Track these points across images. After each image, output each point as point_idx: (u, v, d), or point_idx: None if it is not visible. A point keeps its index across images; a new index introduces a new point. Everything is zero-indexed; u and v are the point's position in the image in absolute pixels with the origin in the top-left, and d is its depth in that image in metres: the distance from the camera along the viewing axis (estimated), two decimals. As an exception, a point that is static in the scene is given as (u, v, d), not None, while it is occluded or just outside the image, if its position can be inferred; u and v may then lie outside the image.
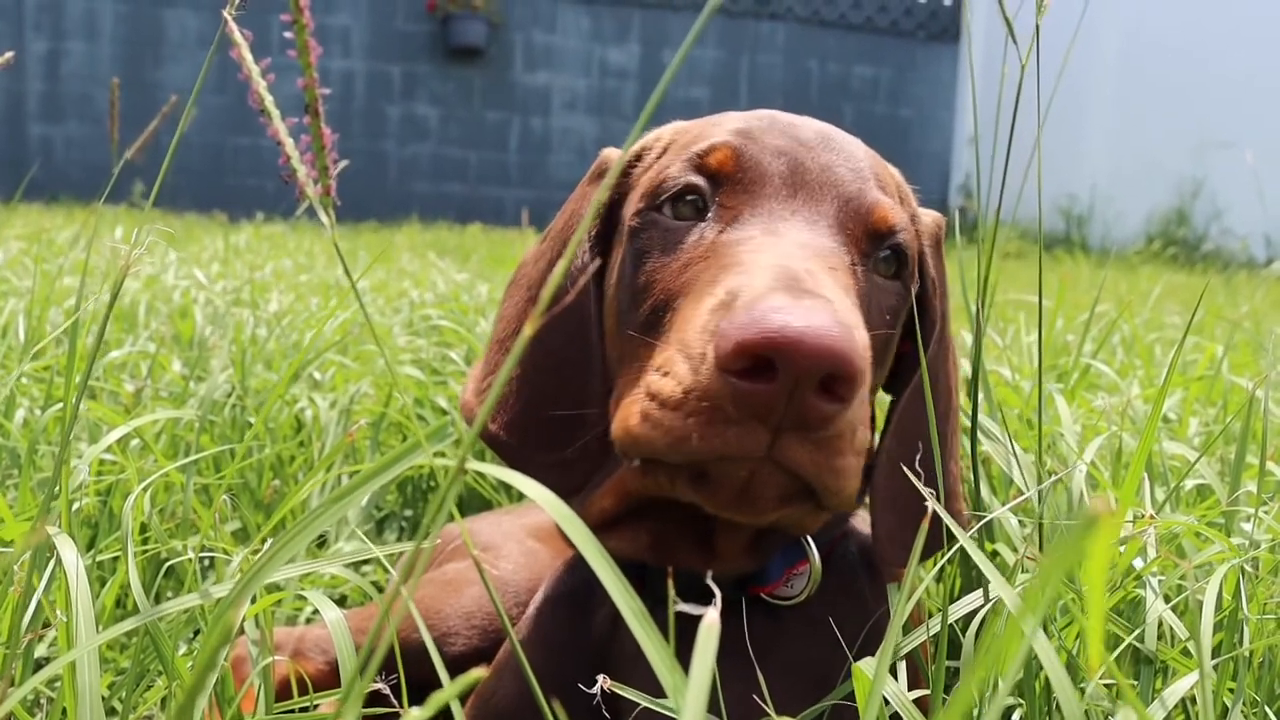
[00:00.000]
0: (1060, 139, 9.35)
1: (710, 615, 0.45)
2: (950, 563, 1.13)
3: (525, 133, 10.51)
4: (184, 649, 1.14)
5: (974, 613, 0.85)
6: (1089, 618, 0.30)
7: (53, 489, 0.84)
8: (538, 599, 1.01)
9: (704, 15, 0.49)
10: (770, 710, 0.80)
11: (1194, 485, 1.22)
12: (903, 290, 0.90)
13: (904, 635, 0.84)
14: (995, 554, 1.02)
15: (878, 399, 0.93)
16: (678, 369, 0.74)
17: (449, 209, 9.89)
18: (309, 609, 1.38)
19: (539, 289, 0.99)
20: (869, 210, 0.87)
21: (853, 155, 0.91)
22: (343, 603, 1.43)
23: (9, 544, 1.02)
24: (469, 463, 0.54)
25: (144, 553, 1.21)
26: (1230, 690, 0.84)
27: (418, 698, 1.00)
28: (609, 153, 1.01)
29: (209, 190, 9.10)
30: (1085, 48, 8.95)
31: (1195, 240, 9.60)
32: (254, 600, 0.89)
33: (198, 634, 1.16)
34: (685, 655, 0.47)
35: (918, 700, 0.78)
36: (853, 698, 0.79)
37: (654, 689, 0.73)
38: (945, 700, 0.85)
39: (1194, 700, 0.84)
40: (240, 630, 0.96)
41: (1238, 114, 9.30)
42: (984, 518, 0.94)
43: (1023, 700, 0.81)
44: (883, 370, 0.92)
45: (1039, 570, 0.31)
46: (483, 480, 1.67)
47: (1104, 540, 0.30)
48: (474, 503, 1.69)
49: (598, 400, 0.91)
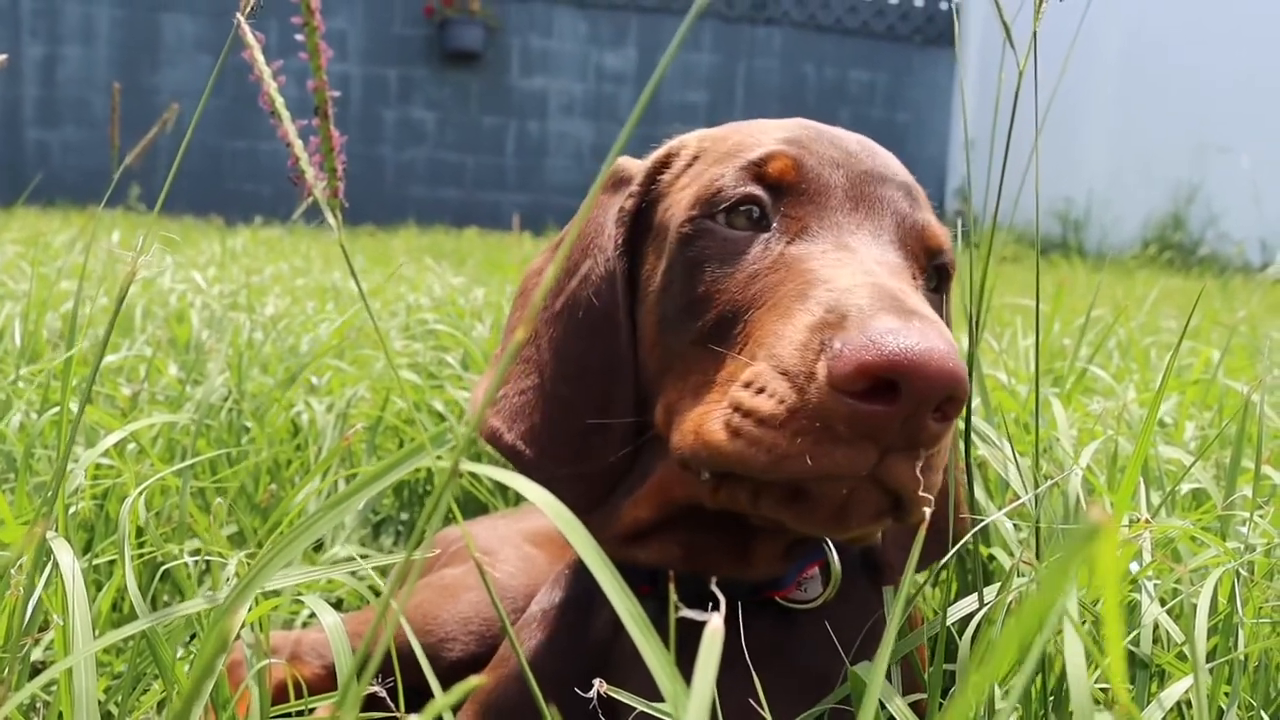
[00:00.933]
0: (1057, 144, 9.36)
1: (714, 621, 0.45)
2: (946, 567, 1.13)
3: (522, 137, 10.51)
4: (180, 653, 1.14)
5: (970, 616, 0.85)
6: (1106, 628, 0.30)
7: (52, 492, 0.84)
8: (541, 601, 1.00)
9: (690, 16, 0.49)
10: (773, 714, 0.80)
11: (1190, 489, 1.22)
12: (941, 304, 0.91)
13: (902, 639, 0.84)
14: (992, 558, 1.02)
15: None
16: (777, 386, 0.73)
17: (445, 213, 9.90)
18: (305, 612, 1.38)
19: (555, 298, 0.96)
20: (922, 228, 0.88)
21: (896, 169, 0.91)
22: (339, 606, 1.43)
23: (6, 547, 1.02)
24: (464, 464, 0.54)
25: (140, 557, 1.21)
26: (1225, 694, 0.84)
27: (415, 701, 1.00)
28: (625, 161, 1.00)
29: (206, 194, 9.10)
30: (1083, 53, 8.96)
31: (1191, 245, 9.61)
32: (254, 605, 0.89)
33: (194, 638, 1.16)
34: (690, 660, 0.46)
35: (914, 704, 0.78)
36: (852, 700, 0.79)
37: (657, 693, 0.72)
38: (941, 705, 0.86)
39: (1189, 704, 0.84)
40: (237, 635, 0.96)
41: (1234, 119, 9.31)
42: (980, 522, 0.94)
43: (1019, 707, 0.81)
44: None
45: (1042, 578, 0.31)
46: (479, 484, 1.67)
47: (1109, 550, 0.30)
48: (471, 507, 1.69)
49: (624, 410, 0.89)
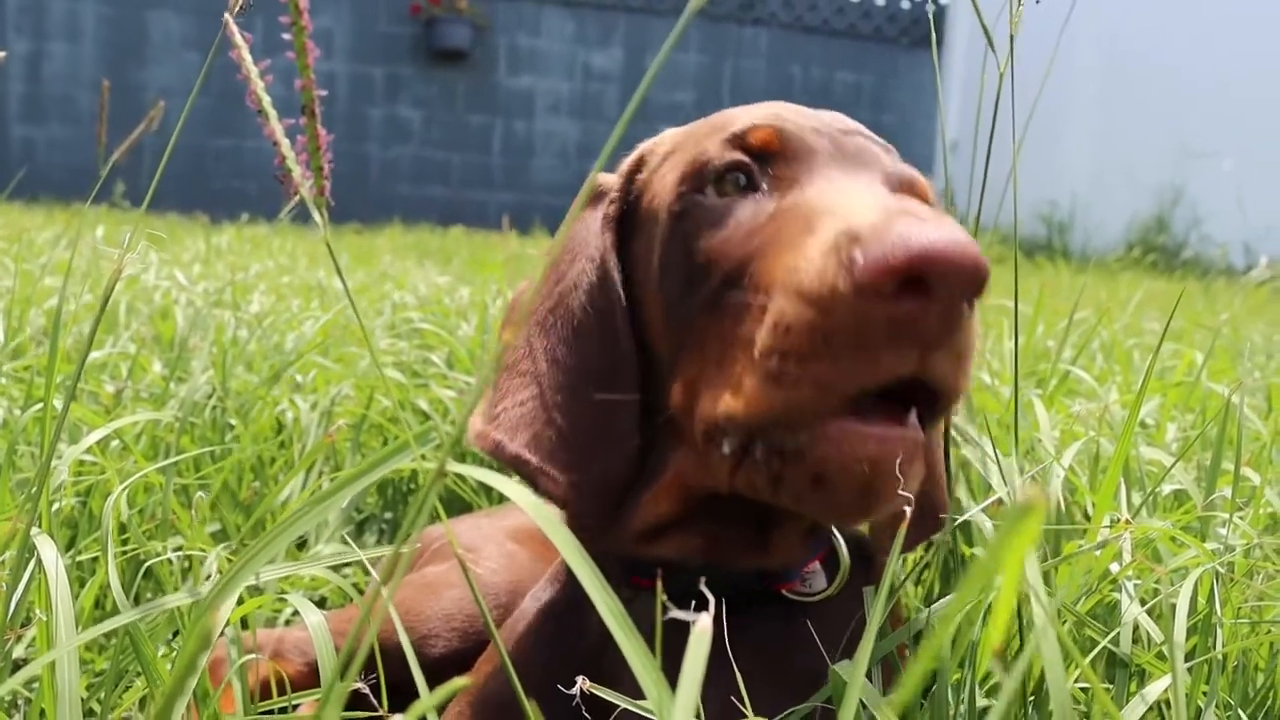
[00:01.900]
0: (1041, 147, 9.38)
1: (702, 622, 0.45)
2: (929, 566, 1.13)
3: (508, 136, 10.51)
4: (162, 650, 1.14)
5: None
6: (1003, 589, 0.30)
7: (36, 489, 0.84)
8: (535, 596, 1.00)
9: (684, 19, 0.49)
10: (771, 708, 0.81)
11: (1171, 490, 1.23)
12: None
13: (885, 636, 0.85)
14: (974, 557, 1.02)
15: None
16: (805, 315, 0.70)
17: (431, 212, 9.88)
18: (289, 610, 1.38)
19: (546, 310, 0.95)
20: (911, 178, 0.88)
21: (871, 135, 0.92)
22: (323, 604, 1.43)
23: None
24: (450, 465, 0.54)
25: (123, 554, 1.21)
26: (1204, 693, 0.85)
27: (398, 698, 1.00)
28: (604, 177, 0.99)
29: (191, 191, 9.08)
30: (1066, 57, 8.99)
31: (1175, 247, 9.64)
32: (239, 603, 0.89)
33: (176, 635, 1.16)
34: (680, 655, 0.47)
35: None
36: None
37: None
38: (924, 704, 0.86)
39: (1169, 704, 0.84)
40: (220, 632, 0.96)
41: (1216, 123, 9.35)
42: (959, 519, 0.94)
43: (993, 700, 0.82)
44: None
45: (981, 559, 0.31)
46: (463, 483, 1.67)
47: (1032, 522, 0.30)
48: (455, 505, 1.69)
49: (630, 410, 0.88)
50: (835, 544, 0.91)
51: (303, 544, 1.52)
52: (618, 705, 0.75)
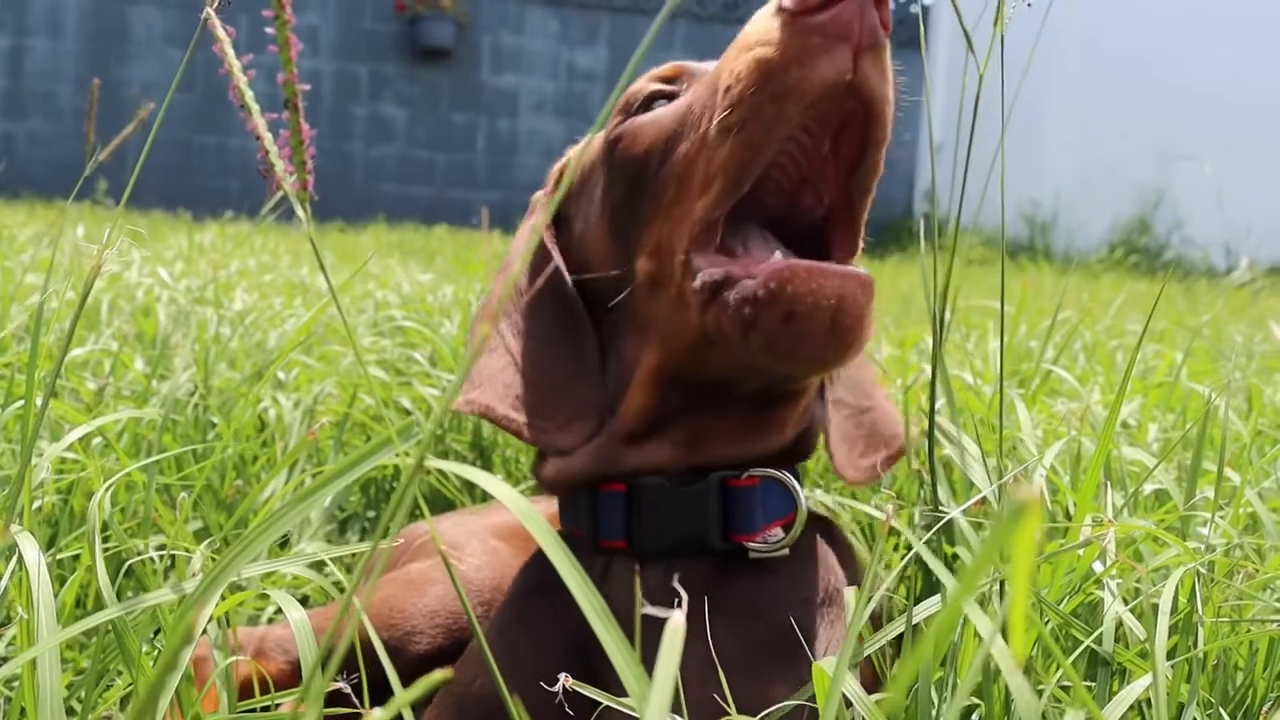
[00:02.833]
0: (1025, 147, 9.42)
1: (676, 618, 0.45)
2: (914, 564, 1.13)
3: (492, 134, 10.50)
4: (145, 648, 1.13)
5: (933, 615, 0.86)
6: (1013, 597, 0.30)
7: (17, 486, 0.83)
8: (518, 582, 1.01)
9: (661, 16, 0.49)
10: (735, 666, 0.83)
11: (1152, 490, 1.23)
12: None
13: (867, 634, 0.85)
14: (955, 556, 1.03)
15: None
16: (744, 60, 0.82)
17: (415, 210, 9.87)
18: (270, 609, 1.38)
19: (514, 298, 1.04)
20: None
21: None
22: (305, 603, 1.43)
23: (-32, 542, 1.01)
24: (430, 462, 0.54)
25: (105, 552, 1.20)
26: (1185, 691, 0.85)
27: (381, 697, 1.00)
28: (552, 173, 1.09)
29: (174, 188, 9.05)
30: (1048, 59, 9.02)
31: (1157, 249, 9.69)
32: (221, 599, 0.89)
33: (158, 633, 1.16)
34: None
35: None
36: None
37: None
38: (907, 708, 0.86)
39: (1150, 702, 0.85)
40: (203, 631, 0.96)
41: (1198, 125, 9.40)
42: (941, 519, 0.95)
43: (981, 701, 0.82)
44: None
45: (976, 556, 0.32)
46: (447, 481, 1.67)
47: (1031, 523, 0.31)
48: (438, 504, 1.69)
49: (593, 347, 0.97)
50: (795, 497, 0.93)
51: (285, 542, 1.52)
52: (609, 684, 0.76)
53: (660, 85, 0.96)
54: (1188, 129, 9.43)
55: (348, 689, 0.93)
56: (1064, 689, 0.82)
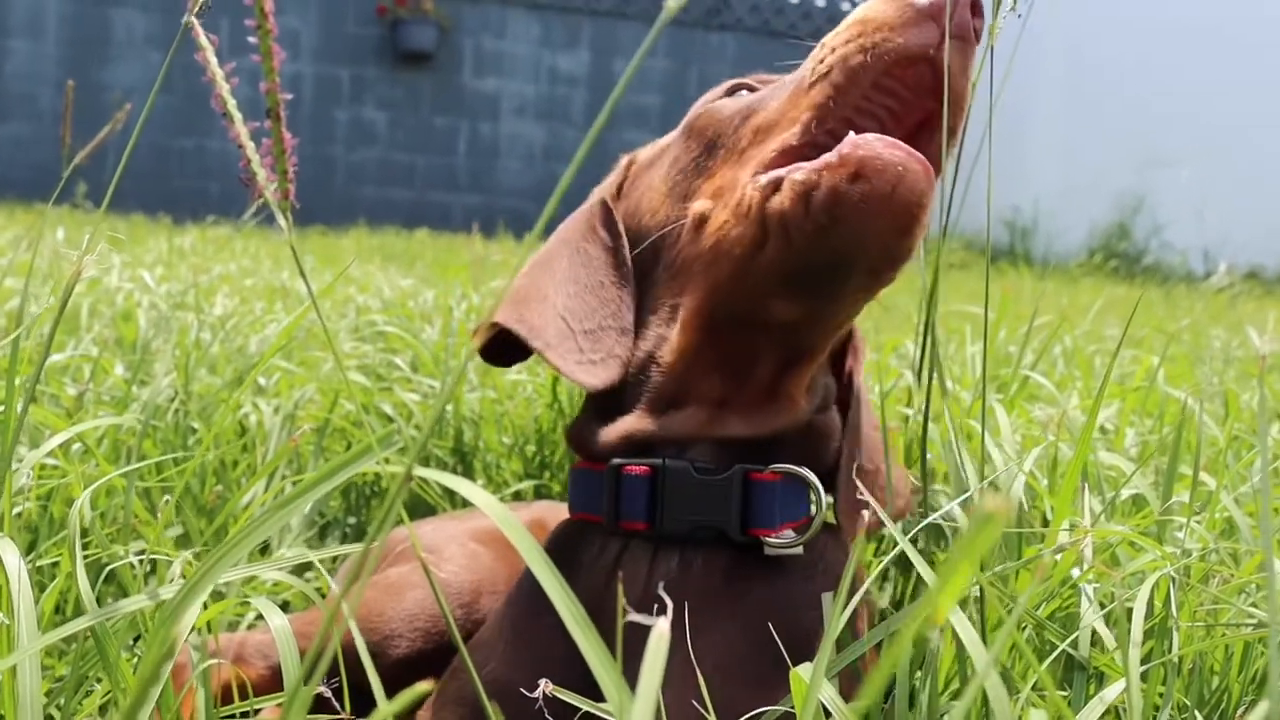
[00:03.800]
0: (1005, 153, 9.44)
1: (660, 626, 0.46)
2: (895, 565, 1.14)
3: (474, 138, 10.49)
4: (124, 654, 1.13)
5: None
6: (948, 581, 0.31)
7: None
8: (528, 576, 1.01)
9: (658, 26, 0.49)
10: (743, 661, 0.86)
11: (1130, 495, 1.24)
12: None
13: (850, 638, 0.86)
14: (938, 560, 1.03)
15: None
16: (840, 29, 0.90)
17: (396, 214, 9.85)
18: (251, 615, 1.38)
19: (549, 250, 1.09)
20: None
21: None
22: (286, 608, 1.43)
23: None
24: (416, 470, 0.54)
25: (86, 558, 1.20)
26: (1160, 695, 0.86)
27: (364, 700, 1.00)
28: (623, 159, 1.13)
29: (154, 192, 9.01)
30: (1030, 65, 9.06)
31: (1136, 254, 9.74)
32: (203, 607, 0.89)
33: (138, 639, 1.16)
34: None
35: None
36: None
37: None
38: (884, 708, 0.87)
39: (1126, 707, 0.85)
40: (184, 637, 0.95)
41: (1177, 132, 9.45)
42: (922, 523, 0.95)
43: (957, 703, 0.83)
44: None
45: (945, 562, 0.32)
46: (428, 487, 1.67)
47: (993, 527, 0.31)
48: (419, 509, 1.69)
49: (628, 314, 0.99)
50: (815, 494, 0.95)
51: (265, 548, 1.52)
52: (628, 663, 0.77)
53: (744, 80, 1.02)
54: (1167, 135, 9.47)
55: (329, 693, 0.93)
56: (1043, 696, 0.83)
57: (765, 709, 0.80)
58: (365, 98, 10.20)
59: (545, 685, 0.76)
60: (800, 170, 0.84)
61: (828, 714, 0.74)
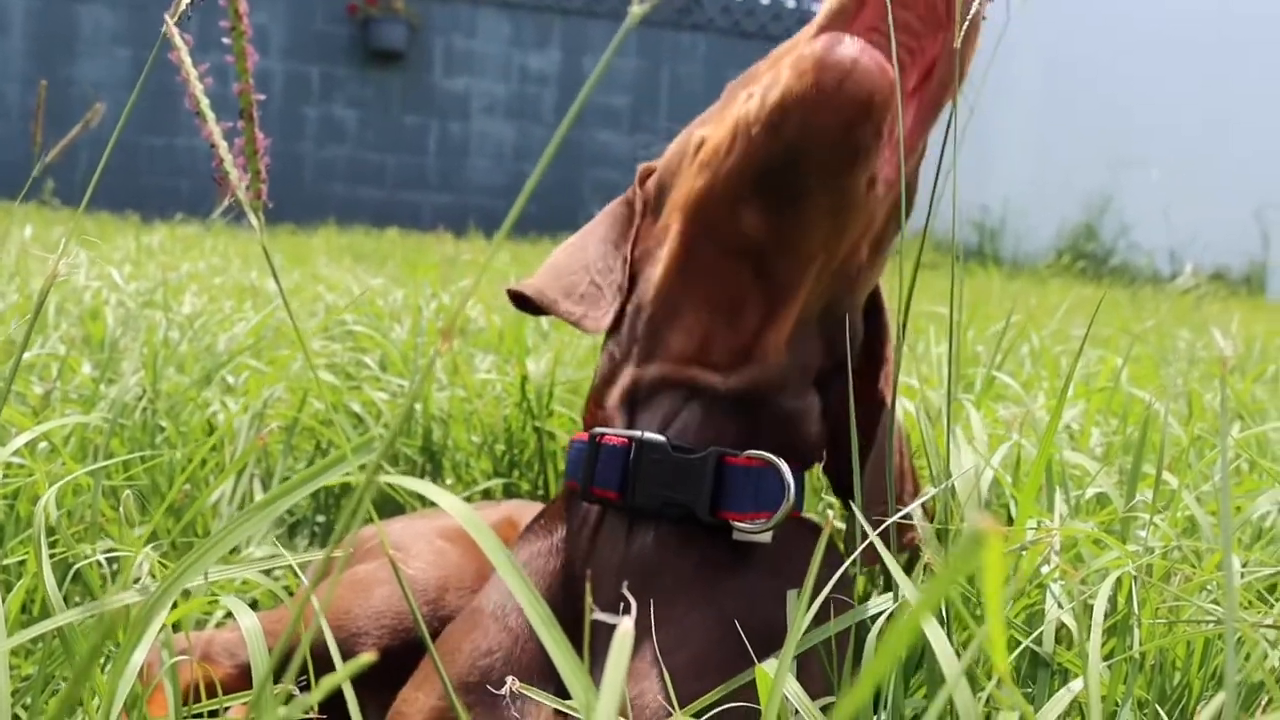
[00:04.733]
0: (974, 153, 9.50)
1: (624, 625, 0.46)
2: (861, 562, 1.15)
3: (444, 137, 10.46)
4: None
5: (886, 616, 0.87)
6: (991, 624, 0.31)
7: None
8: (522, 542, 1.03)
9: (626, 25, 0.50)
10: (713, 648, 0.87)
11: (1094, 494, 1.25)
12: None
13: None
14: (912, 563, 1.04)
15: None
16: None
17: (366, 212, 9.81)
18: (218, 613, 1.38)
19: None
20: None
21: None
22: (254, 606, 1.43)
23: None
24: (383, 476, 0.54)
25: (52, 557, 1.19)
26: (1122, 690, 0.87)
27: (329, 700, 1.00)
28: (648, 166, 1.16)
29: (123, 189, 8.94)
30: (1000, 67, 9.11)
31: (1104, 254, 9.80)
32: (173, 606, 0.89)
33: (105, 639, 1.15)
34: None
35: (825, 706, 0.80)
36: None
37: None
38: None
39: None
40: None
41: (1145, 134, 9.52)
42: (888, 520, 0.96)
43: (927, 699, 0.84)
44: None
45: (933, 579, 0.33)
46: (397, 487, 1.67)
47: (996, 555, 0.31)
48: (388, 508, 1.69)
49: (624, 250, 1.06)
50: (784, 483, 0.94)
51: (233, 547, 1.51)
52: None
53: None
54: (1135, 136, 9.54)
55: (296, 692, 0.93)
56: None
57: (733, 703, 0.80)
58: (335, 96, 10.17)
59: (512, 683, 0.76)
60: (768, 77, 0.89)
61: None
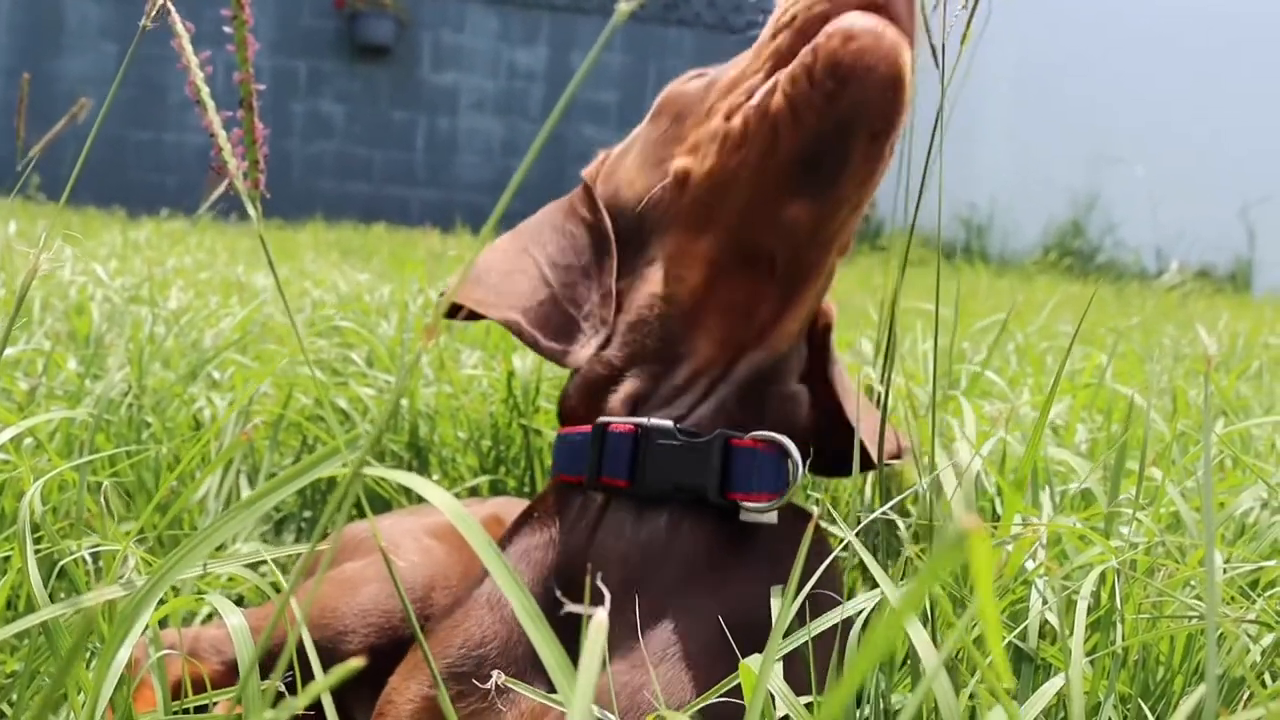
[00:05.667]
0: (961, 150, 9.51)
1: (599, 616, 0.46)
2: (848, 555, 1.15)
3: (432, 133, 10.44)
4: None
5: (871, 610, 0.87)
6: (986, 628, 0.31)
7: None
8: (516, 525, 1.03)
9: (614, 21, 0.50)
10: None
11: (1078, 490, 1.26)
12: None
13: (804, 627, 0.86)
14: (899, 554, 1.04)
15: None
16: (804, 13, 0.92)
17: (353, 208, 9.79)
18: (204, 610, 1.38)
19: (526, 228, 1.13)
20: None
21: None
22: (240, 602, 1.43)
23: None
24: (369, 470, 0.54)
25: (38, 553, 1.19)
26: (1104, 685, 0.87)
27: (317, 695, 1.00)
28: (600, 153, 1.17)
29: (108, 184, 8.91)
30: (983, 63, 9.13)
31: (1090, 251, 9.83)
32: (160, 603, 0.89)
33: (89, 635, 1.15)
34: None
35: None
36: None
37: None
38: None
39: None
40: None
41: (1130, 131, 9.54)
42: (873, 514, 0.96)
43: (909, 695, 0.84)
44: None
45: (915, 576, 0.33)
46: (384, 482, 1.67)
47: (983, 554, 0.32)
48: (375, 503, 1.69)
49: (610, 266, 1.03)
50: (792, 460, 0.97)
51: (220, 544, 1.51)
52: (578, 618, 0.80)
53: (703, 70, 1.07)
54: (1120, 134, 9.56)
55: (282, 688, 0.93)
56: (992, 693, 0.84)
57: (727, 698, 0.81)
58: (322, 90, 10.14)
59: (498, 676, 0.76)
60: (787, 68, 0.91)
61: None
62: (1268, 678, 0.90)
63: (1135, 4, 9.71)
